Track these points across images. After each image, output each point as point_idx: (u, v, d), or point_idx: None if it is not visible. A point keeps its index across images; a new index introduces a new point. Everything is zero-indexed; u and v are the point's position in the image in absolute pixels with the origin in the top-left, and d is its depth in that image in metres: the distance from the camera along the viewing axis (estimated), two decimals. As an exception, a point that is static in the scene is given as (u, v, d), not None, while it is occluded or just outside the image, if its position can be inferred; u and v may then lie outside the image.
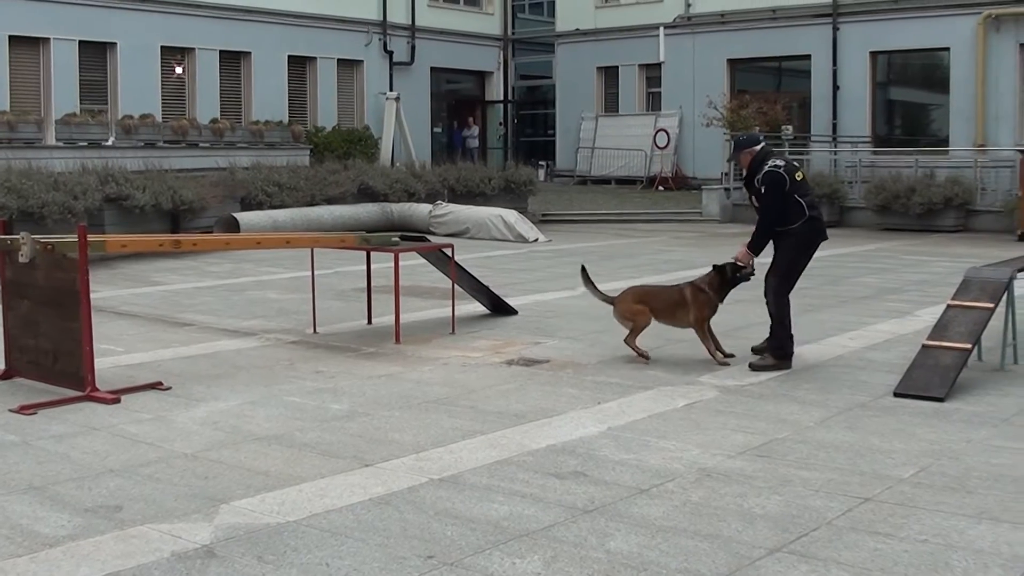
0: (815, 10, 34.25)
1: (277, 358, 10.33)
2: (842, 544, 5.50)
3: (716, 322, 10.26)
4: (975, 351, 9.46)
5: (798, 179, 9.84)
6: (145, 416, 8.04)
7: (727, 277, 10.19)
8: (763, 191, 9.80)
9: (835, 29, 33.91)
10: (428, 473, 6.64)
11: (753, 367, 9.81)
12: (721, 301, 10.28)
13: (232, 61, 33.46)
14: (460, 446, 7.24)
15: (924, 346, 9.19)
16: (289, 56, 34.56)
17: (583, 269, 10.95)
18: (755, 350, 10.30)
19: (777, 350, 9.92)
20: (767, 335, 10.14)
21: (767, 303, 10.02)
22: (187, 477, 6.58)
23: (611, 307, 10.51)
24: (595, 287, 10.73)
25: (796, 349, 10.08)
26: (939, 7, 31.86)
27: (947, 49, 32.17)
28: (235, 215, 21.37)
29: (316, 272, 12.24)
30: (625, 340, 10.31)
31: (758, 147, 10.10)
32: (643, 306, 10.27)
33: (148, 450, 7.15)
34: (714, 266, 10.35)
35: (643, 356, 10.17)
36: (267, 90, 33.77)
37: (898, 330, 11.80)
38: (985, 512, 5.98)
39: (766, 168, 9.78)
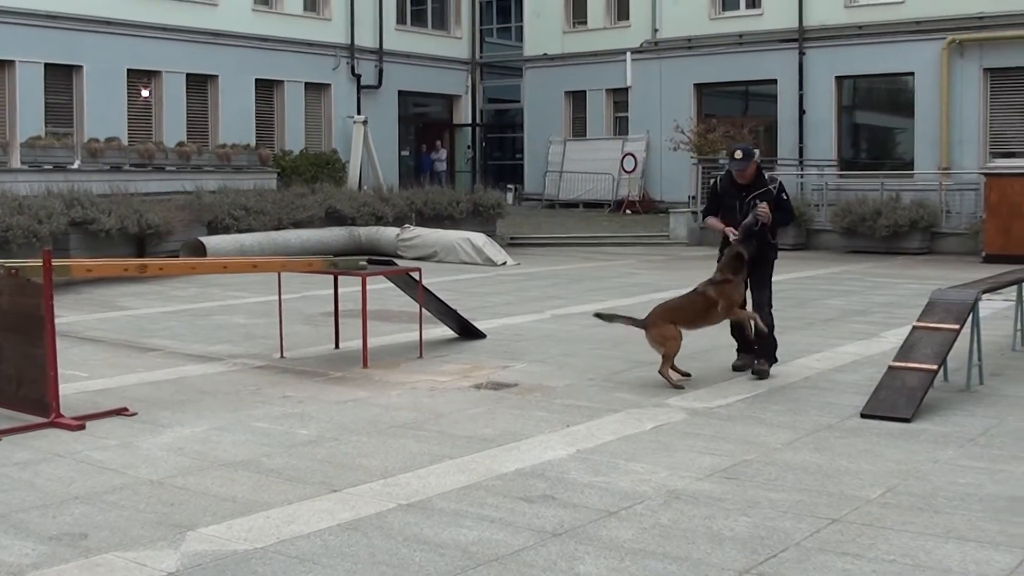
0: (781, 35, 34.51)
1: (244, 383, 10.28)
2: (811, 565, 5.51)
3: (686, 345, 10.25)
4: (941, 372, 9.50)
5: None
6: (110, 442, 7.98)
7: (741, 250, 10.16)
8: (784, 196, 10.51)
9: (801, 54, 34.15)
10: (396, 498, 6.61)
11: (756, 372, 10.28)
12: (746, 277, 10.29)
13: (199, 84, 33.41)
14: (428, 471, 7.21)
15: (890, 367, 9.22)
16: (256, 79, 34.55)
17: (599, 315, 10.77)
18: (736, 367, 10.51)
19: (771, 356, 10.45)
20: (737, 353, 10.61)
21: (760, 316, 10.30)
22: (153, 504, 6.53)
23: (642, 331, 10.21)
24: (621, 317, 10.57)
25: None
26: (903, 32, 32.14)
27: (911, 74, 32.48)
28: (201, 239, 21.30)
29: (283, 296, 12.19)
30: (659, 372, 9.98)
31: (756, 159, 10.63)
32: (675, 328, 10.01)
33: (113, 477, 7.09)
34: (722, 251, 10.56)
35: (677, 385, 9.88)
36: (234, 113, 33.73)
37: (865, 352, 11.84)
38: (952, 531, 6.00)
39: (775, 177, 10.58)
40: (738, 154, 10.51)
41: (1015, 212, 23.09)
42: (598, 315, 10.85)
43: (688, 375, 10.20)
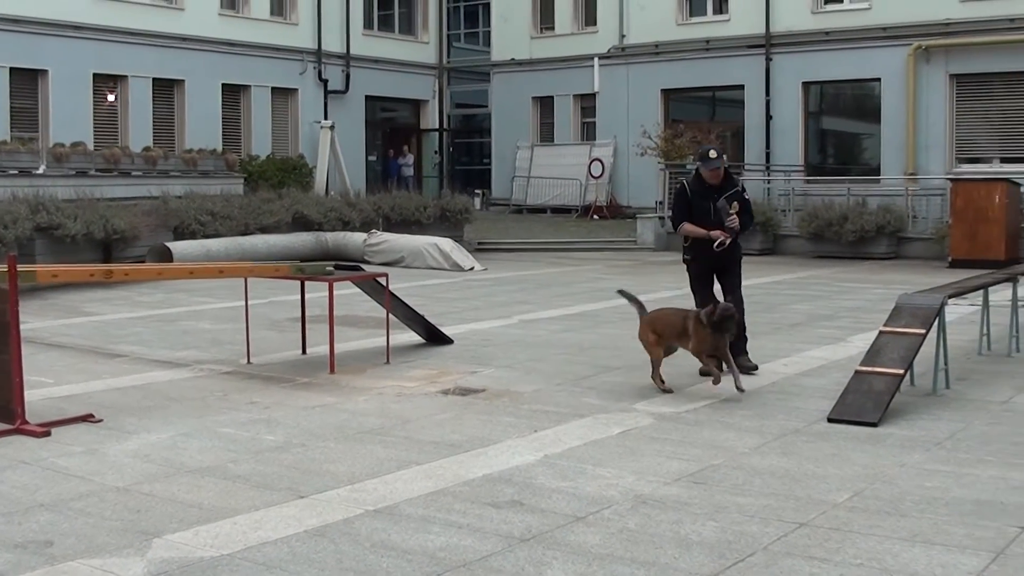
0: (748, 41, 34.59)
1: (210, 389, 10.24)
2: (778, 569, 5.53)
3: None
4: (908, 376, 9.55)
5: None
6: (76, 449, 7.94)
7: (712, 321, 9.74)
8: (747, 198, 10.98)
9: (768, 60, 34.27)
10: (363, 504, 6.60)
11: (749, 369, 10.56)
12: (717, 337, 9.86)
13: (165, 89, 33.29)
14: (395, 477, 7.21)
15: (857, 372, 9.27)
16: (223, 84, 34.44)
17: (621, 292, 10.94)
18: (703, 372, 10.47)
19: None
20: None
21: (740, 313, 10.54)
22: (119, 511, 6.50)
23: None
24: (637, 302, 10.58)
25: (730, 377, 10.25)
26: (870, 39, 32.29)
27: (878, 80, 32.61)
28: (168, 244, 21.21)
29: (250, 302, 12.15)
30: (651, 376, 10.12)
31: None
32: (656, 336, 10.06)
33: (79, 484, 7.06)
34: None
35: (665, 390, 9.97)
36: (201, 118, 33.60)
37: (831, 356, 11.90)
38: (919, 535, 6.04)
39: (736, 179, 10.99)
40: (712, 154, 10.71)
41: (981, 217, 23.26)
42: (620, 292, 10.99)
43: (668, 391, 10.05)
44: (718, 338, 9.73)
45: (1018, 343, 12.12)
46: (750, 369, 10.67)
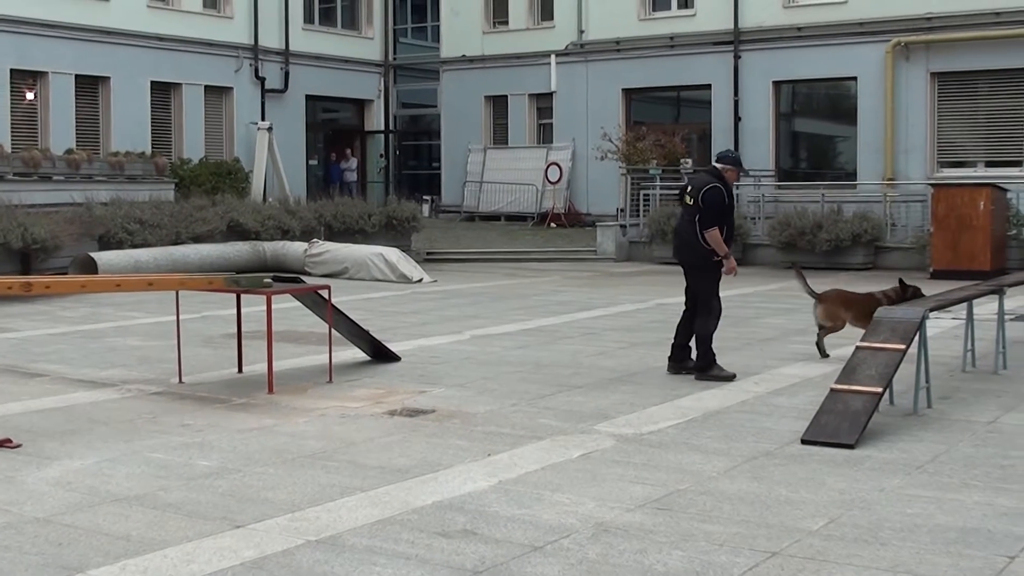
0: (715, 37, 34.77)
1: (139, 411, 10.18)
2: (749, 603, 5.55)
3: (613, 368, 10.30)
4: (886, 395, 9.61)
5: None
6: (-8, 476, 7.88)
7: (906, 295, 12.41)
8: None
9: (736, 58, 34.44)
10: (304, 534, 6.58)
11: (699, 377, 11.48)
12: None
13: (89, 86, 33.09)
14: (339, 504, 7.19)
15: (832, 390, 9.31)
16: (152, 82, 34.26)
17: (793, 265, 13.40)
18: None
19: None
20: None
21: (705, 324, 11.61)
22: (39, 544, 6.44)
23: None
24: (804, 281, 13.21)
25: (697, 395, 10.67)
26: (845, 35, 32.50)
27: (854, 79, 32.81)
28: (92, 255, 21.08)
29: (182, 317, 12.10)
30: (816, 341, 12.91)
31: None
32: (844, 315, 12.48)
33: (-5, 513, 7.00)
34: (900, 281, 12.87)
35: (826, 355, 12.63)
36: (128, 118, 33.42)
37: (805, 373, 11.96)
38: (900, 565, 6.07)
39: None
40: (736, 154, 11.98)
41: (964, 225, 23.43)
42: (792, 265, 13.63)
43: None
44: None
45: (1005, 359, 12.22)
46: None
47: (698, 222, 11.49)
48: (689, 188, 11.77)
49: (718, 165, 11.84)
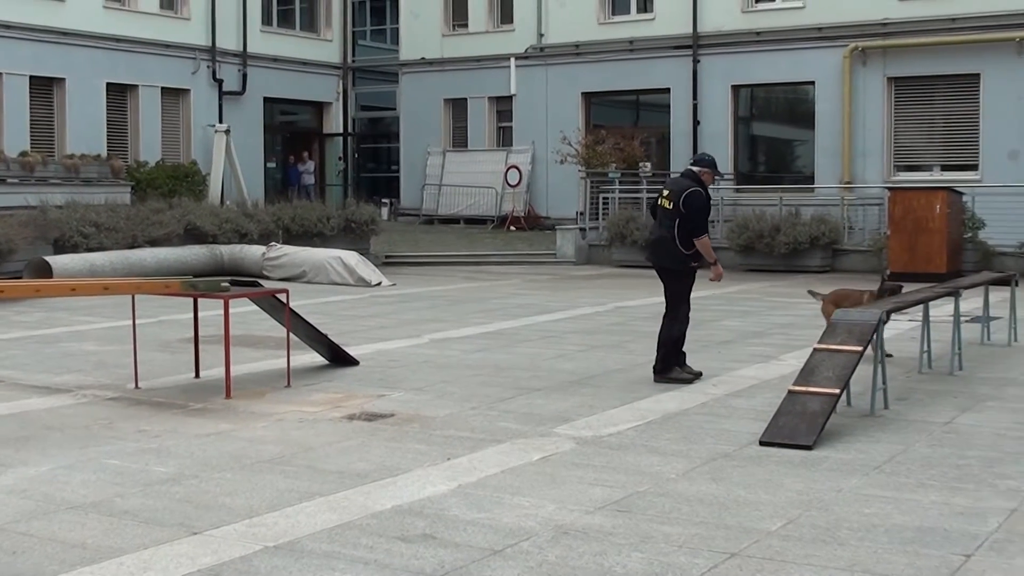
0: (674, 42, 34.85)
1: (95, 417, 10.13)
2: (707, 605, 5.56)
3: (573, 370, 10.32)
4: (844, 396, 9.67)
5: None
6: (-55, 482, 7.82)
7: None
8: None
9: (695, 62, 34.56)
10: (263, 540, 6.56)
11: (659, 379, 11.52)
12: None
13: (44, 88, 32.87)
14: (297, 510, 7.17)
15: (790, 392, 9.36)
16: (108, 83, 34.08)
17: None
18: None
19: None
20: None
21: (670, 327, 11.64)
22: (-7, 549, 6.41)
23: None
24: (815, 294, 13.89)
25: (656, 397, 10.71)
26: (803, 39, 32.65)
27: (812, 83, 32.99)
28: (47, 258, 20.94)
29: (138, 321, 12.03)
30: None
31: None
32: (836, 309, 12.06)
33: (-51, 520, 6.95)
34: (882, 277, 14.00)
35: None
36: (83, 120, 33.23)
37: (763, 375, 12.02)
38: (857, 564, 6.11)
39: None
40: (712, 157, 12.05)
41: (921, 228, 23.60)
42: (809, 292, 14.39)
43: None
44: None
45: (960, 361, 12.32)
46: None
47: (678, 226, 11.48)
48: (667, 192, 11.72)
49: (695, 168, 11.80)
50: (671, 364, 11.57)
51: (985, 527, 6.75)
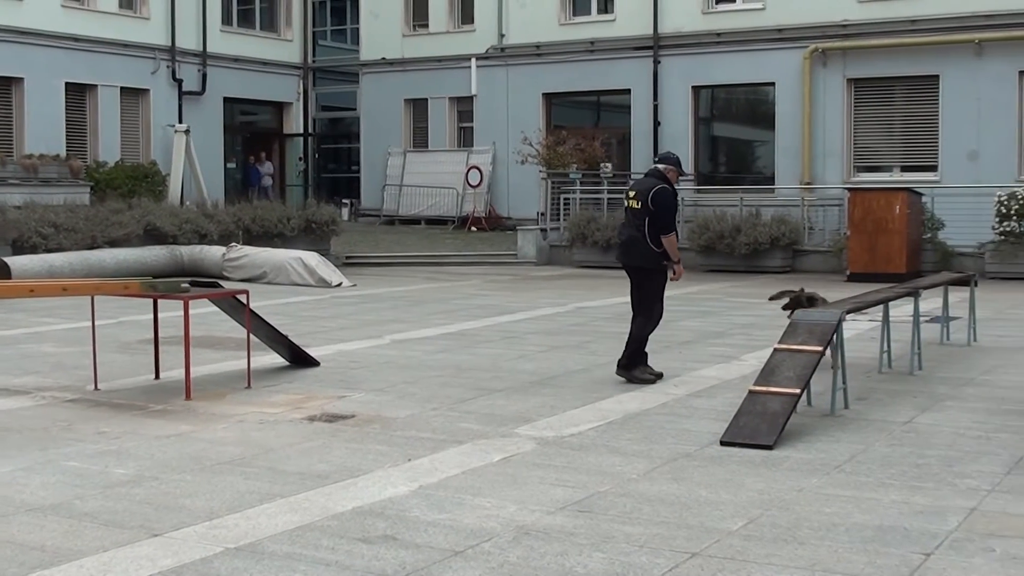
0: (635, 43, 34.92)
1: (54, 418, 10.07)
2: (669, 604, 5.58)
3: (532, 371, 10.32)
4: (804, 396, 9.71)
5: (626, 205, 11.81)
6: (-98, 484, 7.76)
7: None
8: None
9: (656, 63, 34.63)
10: (223, 542, 6.54)
11: (630, 377, 11.51)
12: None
13: (2, 87, 32.71)
14: (258, 511, 7.15)
15: (751, 392, 9.39)
16: (67, 83, 33.91)
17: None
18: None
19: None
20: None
21: (644, 326, 11.65)
22: (-49, 552, 6.36)
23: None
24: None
25: (617, 398, 10.76)
26: (764, 40, 32.77)
27: (772, 84, 33.10)
28: (5, 259, 20.82)
29: (97, 322, 11.96)
30: None
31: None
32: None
33: (-94, 522, 6.90)
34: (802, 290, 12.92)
35: None
36: (42, 120, 33.03)
37: (724, 375, 12.06)
38: (818, 563, 6.13)
39: None
40: (676, 155, 12.00)
41: (880, 228, 23.75)
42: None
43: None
44: None
45: (920, 360, 12.38)
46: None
47: (648, 225, 11.48)
48: (634, 193, 11.65)
49: (660, 166, 11.76)
50: (637, 362, 11.58)
51: (945, 526, 6.79)
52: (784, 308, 12.58)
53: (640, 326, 11.62)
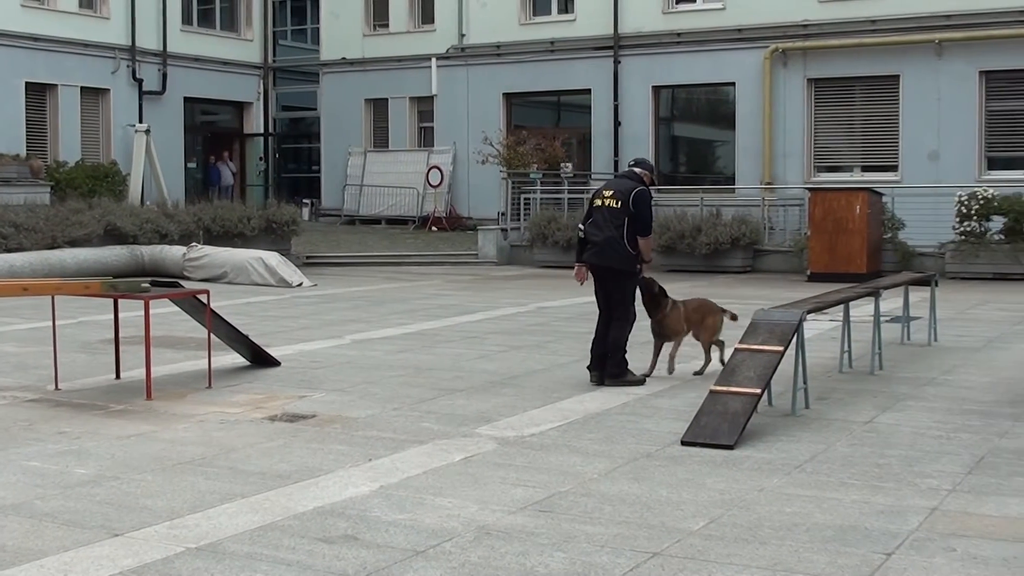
0: (595, 43, 34.97)
1: (14, 418, 10.01)
2: (630, 603, 5.58)
3: (495, 371, 10.31)
4: (765, 396, 9.74)
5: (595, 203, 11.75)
6: None
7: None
8: None
9: (616, 63, 34.69)
10: (184, 542, 6.51)
11: (612, 383, 11.37)
12: (650, 317, 12.19)
13: (-40, 88, 32.49)
14: (219, 511, 7.12)
15: (712, 392, 9.41)
16: (27, 83, 33.69)
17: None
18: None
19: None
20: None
21: (622, 330, 11.55)
22: (-91, 553, 6.32)
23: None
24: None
25: (578, 397, 10.80)
26: (724, 40, 32.88)
27: (732, 84, 33.21)
28: (-36, 260, 20.71)
29: (58, 322, 11.90)
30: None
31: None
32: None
33: None
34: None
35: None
36: (2, 120, 32.77)
37: (685, 375, 12.07)
38: (779, 563, 6.16)
39: None
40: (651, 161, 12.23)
41: (841, 228, 23.85)
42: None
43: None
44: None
45: (881, 360, 12.45)
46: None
47: (627, 225, 11.42)
48: (611, 192, 11.60)
49: (638, 170, 11.79)
50: (625, 367, 11.51)
51: (906, 526, 6.83)
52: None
53: (618, 330, 11.48)
